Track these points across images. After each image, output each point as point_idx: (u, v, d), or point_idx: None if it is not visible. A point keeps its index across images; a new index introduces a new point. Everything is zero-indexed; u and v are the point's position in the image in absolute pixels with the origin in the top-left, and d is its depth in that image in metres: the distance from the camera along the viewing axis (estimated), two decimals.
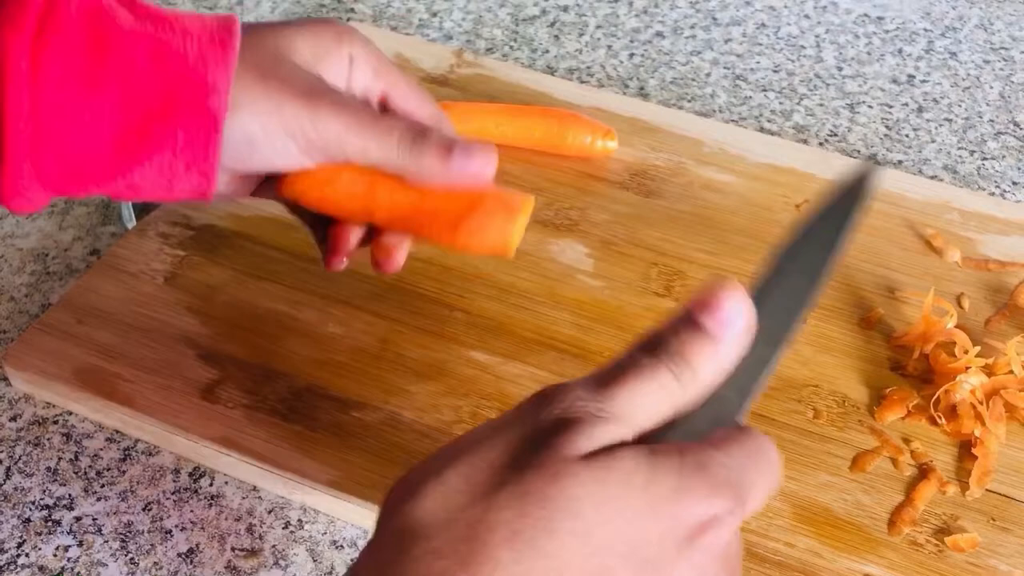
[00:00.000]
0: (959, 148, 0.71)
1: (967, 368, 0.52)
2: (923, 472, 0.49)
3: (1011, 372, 0.52)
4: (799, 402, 0.52)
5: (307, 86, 0.40)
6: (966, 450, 0.50)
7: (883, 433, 0.51)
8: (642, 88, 0.75)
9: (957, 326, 0.54)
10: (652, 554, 0.28)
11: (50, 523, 0.47)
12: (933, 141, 0.72)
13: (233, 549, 0.46)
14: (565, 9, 0.82)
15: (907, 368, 0.54)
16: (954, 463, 0.50)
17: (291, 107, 0.39)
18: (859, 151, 0.71)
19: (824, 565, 0.45)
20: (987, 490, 0.49)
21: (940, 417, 0.51)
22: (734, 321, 0.31)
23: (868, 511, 0.47)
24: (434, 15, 0.80)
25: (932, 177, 0.69)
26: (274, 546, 0.47)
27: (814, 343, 0.55)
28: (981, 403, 0.51)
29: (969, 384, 0.51)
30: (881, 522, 0.47)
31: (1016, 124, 0.74)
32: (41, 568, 0.46)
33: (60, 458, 0.50)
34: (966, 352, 0.52)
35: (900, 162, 0.70)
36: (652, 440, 0.30)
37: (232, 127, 0.38)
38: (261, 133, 0.39)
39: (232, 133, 0.39)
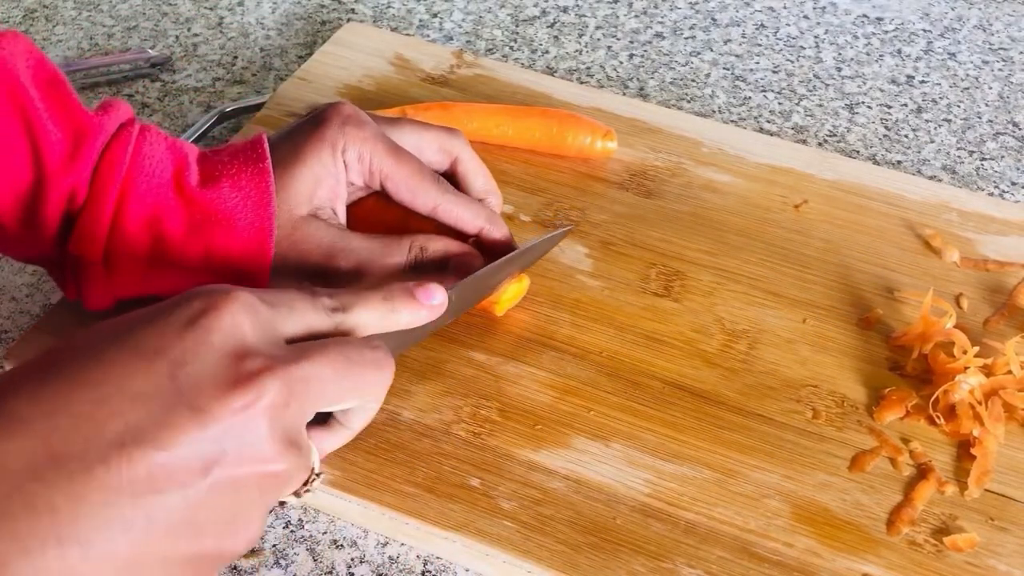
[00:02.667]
0: (958, 148, 0.71)
1: (966, 368, 0.52)
2: (922, 472, 0.49)
3: (1010, 372, 0.53)
4: (798, 402, 0.52)
5: (320, 259, 0.48)
6: (965, 450, 0.50)
7: (882, 433, 0.51)
8: (642, 89, 0.75)
9: (956, 326, 0.54)
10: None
11: None
12: (932, 141, 0.72)
13: None
14: (565, 10, 0.82)
15: (906, 368, 0.54)
16: (953, 463, 0.50)
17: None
18: (858, 151, 0.71)
19: (823, 565, 0.45)
20: (986, 490, 0.49)
21: (939, 417, 0.51)
22: (435, 296, 0.42)
23: (867, 511, 0.48)
24: (434, 16, 0.80)
25: (931, 177, 0.69)
26: (275, 545, 0.47)
27: (813, 343, 0.55)
28: (980, 403, 0.51)
29: (968, 384, 0.51)
30: (880, 522, 0.47)
31: (1015, 124, 0.74)
32: None
33: None
34: (965, 352, 0.52)
35: (899, 162, 0.70)
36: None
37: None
38: None
39: None
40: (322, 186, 0.49)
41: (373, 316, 0.41)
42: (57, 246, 0.47)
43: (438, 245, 0.50)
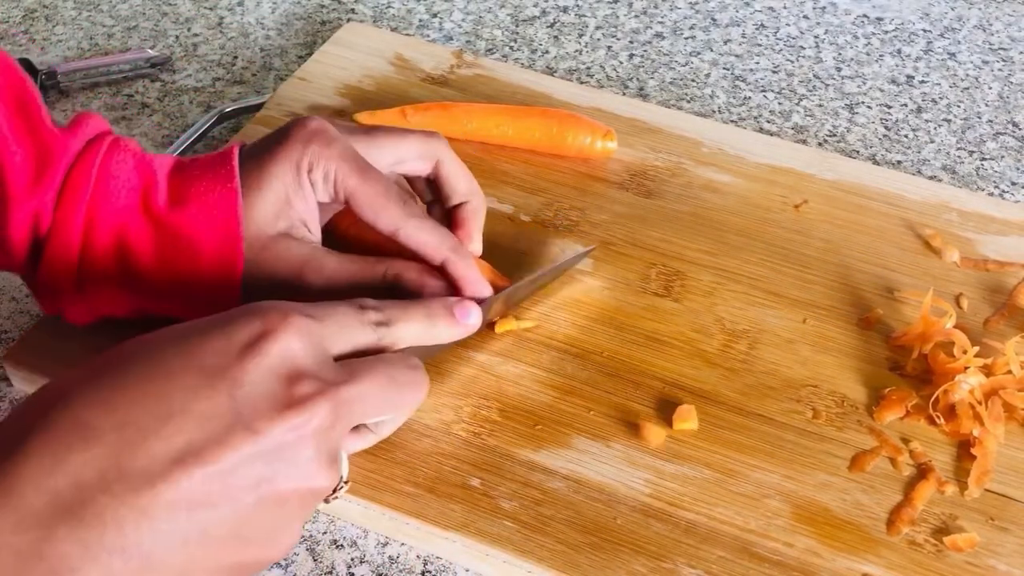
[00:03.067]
0: (958, 148, 0.71)
1: (966, 368, 0.52)
2: (922, 472, 0.49)
3: (1010, 372, 0.53)
4: (798, 402, 0.52)
5: (290, 276, 0.47)
6: (965, 450, 0.50)
7: (882, 433, 0.51)
8: (641, 89, 0.75)
9: (956, 326, 0.54)
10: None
11: None
12: (932, 141, 0.72)
13: None
14: (565, 10, 0.82)
15: (906, 368, 0.54)
16: (953, 463, 0.50)
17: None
18: (858, 151, 0.71)
19: (823, 565, 0.45)
20: (986, 490, 0.49)
21: (939, 417, 0.51)
22: (471, 314, 0.45)
23: (867, 511, 0.48)
24: (434, 16, 0.81)
25: (931, 177, 0.69)
26: None
27: (813, 343, 0.55)
28: (980, 403, 0.51)
29: (968, 384, 0.51)
30: (880, 522, 0.47)
31: (1015, 124, 0.74)
32: None
33: None
34: (965, 352, 0.52)
35: (899, 162, 0.70)
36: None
37: None
38: None
39: None
40: (290, 205, 0.47)
41: (414, 330, 0.42)
42: (29, 267, 0.47)
43: (413, 274, 0.48)
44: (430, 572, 0.46)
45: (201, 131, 0.68)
